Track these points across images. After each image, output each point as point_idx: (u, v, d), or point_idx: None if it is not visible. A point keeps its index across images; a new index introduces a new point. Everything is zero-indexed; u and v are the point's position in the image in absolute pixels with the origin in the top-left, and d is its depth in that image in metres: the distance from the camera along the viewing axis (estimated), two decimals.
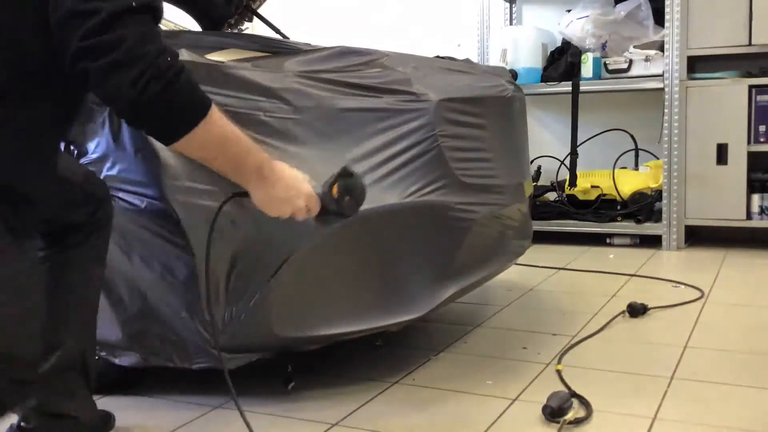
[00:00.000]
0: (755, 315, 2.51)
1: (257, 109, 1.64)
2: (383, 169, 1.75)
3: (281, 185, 1.37)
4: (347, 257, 1.73)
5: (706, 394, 1.81)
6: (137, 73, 1.15)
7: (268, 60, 1.73)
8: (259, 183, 1.35)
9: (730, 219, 3.67)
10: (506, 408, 1.74)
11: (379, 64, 1.85)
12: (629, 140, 4.05)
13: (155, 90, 1.16)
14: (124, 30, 1.15)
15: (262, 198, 1.37)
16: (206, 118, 1.23)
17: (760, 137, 3.59)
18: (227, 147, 1.29)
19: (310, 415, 1.72)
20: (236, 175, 1.34)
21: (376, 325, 1.79)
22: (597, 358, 2.08)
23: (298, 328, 1.69)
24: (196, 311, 1.62)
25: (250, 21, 2.90)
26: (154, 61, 1.16)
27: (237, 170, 1.33)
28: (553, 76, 3.95)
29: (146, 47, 1.16)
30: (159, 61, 1.17)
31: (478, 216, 1.98)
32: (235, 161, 1.31)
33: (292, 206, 1.39)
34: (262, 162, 1.34)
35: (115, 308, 1.68)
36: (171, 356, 1.69)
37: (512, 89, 2.34)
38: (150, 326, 1.67)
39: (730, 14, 3.61)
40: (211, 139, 1.25)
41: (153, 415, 1.75)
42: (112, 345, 1.72)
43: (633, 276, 3.11)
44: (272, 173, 1.36)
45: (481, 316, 2.53)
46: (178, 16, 2.93)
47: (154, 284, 1.64)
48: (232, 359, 1.68)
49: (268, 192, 1.36)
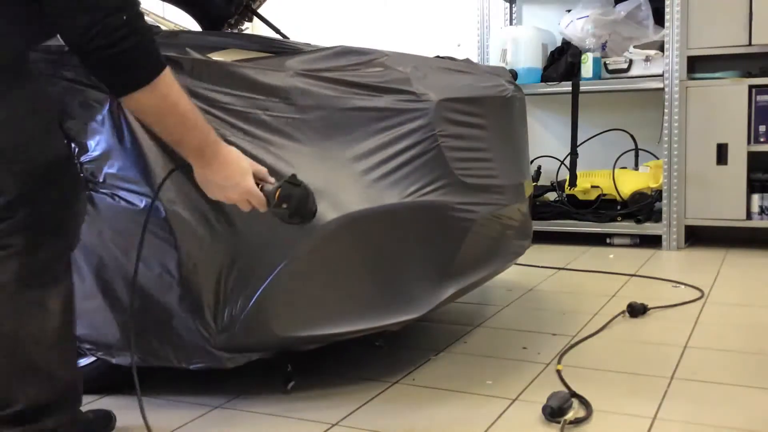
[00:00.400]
0: (755, 315, 2.51)
1: (258, 107, 1.64)
2: (383, 168, 1.75)
3: (221, 172, 1.40)
4: (347, 257, 1.73)
5: (706, 394, 1.81)
6: (88, 22, 1.18)
7: (269, 59, 1.73)
8: (199, 162, 1.39)
9: (730, 219, 3.67)
10: (506, 408, 1.74)
11: (379, 64, 1.85)
12: (629, 140, 4.05)
13: (99, 44, 1.19)
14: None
15: (199, 177, 1.42)
16: (148, 85, 1.25)
17: (760, 137, 3.59)
18: (168, 118, 1.31)
19: (310, 415, 1.72)
20: (177, 147, 1.37)
21: (375, 324, 1.79)
22: (597, 358, 2.08)
23: (297, 327, 1.69)
24: (194, 311, 1.62)
25: (250, 21, 2.90)
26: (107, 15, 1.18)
27: (178, 143, 1.36)
28: (553, 76, 3.95)
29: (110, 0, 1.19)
30: (112, 18, 1.19)
31: (478, 216, 1.98)
32: (176, 134, 1.34)
33: (225, 195, 1.43)
34: (206, 142, 1.37)
35: (113, 308, 1.68)
36: (169, 356, 1.69)
37: (512, 89, 2.34)
38: (148, 326, 1.67)
39: (730, 14, 3.61)
40: (151, 105, 1.28)
41: (153, 415, 1.74)
42: (110, 345, 1.71)
43: (633, 276, 3.11)
44: (215, 157, 1.39)
45: (481, 316, 2.53)
46: (178, 16, 2.93)
47: (153, 284, 1.64)
48: (231, 358, 1.68)
49: (205, 173, 1.40)
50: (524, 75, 3.96)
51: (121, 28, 1.19)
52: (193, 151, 1.37)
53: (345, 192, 1.69)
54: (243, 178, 1.42)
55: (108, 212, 1.63)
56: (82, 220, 1.45)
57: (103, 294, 1.68)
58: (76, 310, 1.47)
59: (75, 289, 1.46)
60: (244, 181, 1.42)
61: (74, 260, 1.67)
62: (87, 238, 1.63)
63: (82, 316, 1.71)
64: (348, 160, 1.71)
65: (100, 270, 1.67)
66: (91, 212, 1.62)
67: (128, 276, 1.65)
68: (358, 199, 1.70)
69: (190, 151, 1.37)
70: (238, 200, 1.44)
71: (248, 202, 1.44)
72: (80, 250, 1.66)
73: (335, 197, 1.67)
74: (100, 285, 1.68)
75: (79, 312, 1.70)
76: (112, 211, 1.63)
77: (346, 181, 1.70)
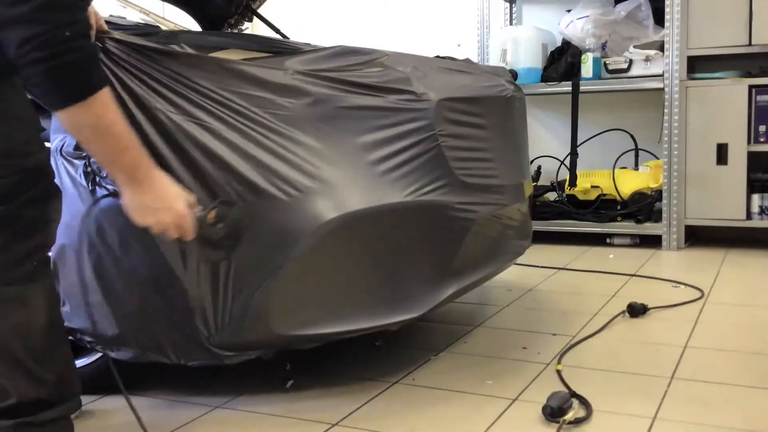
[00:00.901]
0: (755, 315, 2.51)
1: (258, 106, 1.64)
2: (383, 168, 1.75)
3: (152, 195, 1.39)
4: (347, 256, 1.73)
5: (706, 394, 1.81)
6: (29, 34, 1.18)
7: (270, 59, 1.73)
8: (130, 184, 1.38)
9: (730, 219, 3.67)
10: (506, 408, 1.74)
11: (379, 64, 1.85)
12: (629, 140, 4.05)
13: (35, 57, 1.19)
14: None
15: (129, 200, 1.40)
16: (83, 102, 1.24)
17: (760, 137, 3.59)
18: (102, 138, 1.30)
19: (310, 415, 1.72)
20: (109, 168, 1.37)
21: (375, 324, 1.79)
22: (597, 358, 2.08)
23: (296, 326, 1.69)
24: (193, 309, 1.62)
25: (250, 21, 2.90)
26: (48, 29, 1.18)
27: (110, 164, 1.35)
28: (553, 76, 3.95)
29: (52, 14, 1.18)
30: (53, 32, 1.19)
31: (478, 216, 1.98)
32: (108, 154, 1.33)
33: (156, 219, 1.41)
34: (138, 165, 1.37)
35: (112, 304, 1.68)
36: (167, 353, 1.69)
37: (512, 89, 2.34)
38: (147, 322, 1.67)
39: (730, 14, 3.61)
40: (85, 123, 1.27)
41: (153, 415, 1.75)
42: (109, 340, 1.71)
43: (633, 276, 3.11)
44: (147, 180, 1.38)
45: (481, 316, 2.53)
46: (178, 16, 2.93)
47: (153, 280, 1.64)
48: (230, 356, 1.68)
49: (136, 197, 1.39)
50: (524, 75, 3.96)
51: (60, 43, 1.19)
52: (126, 172, 1.36)
53: (344, 191, 1.69)
54: (176, 201, 1.42)
55: (110, 207, 1.63)
56: (57, 220, 1.46)
57: (102, 289, 1.68)
58: (78, 305, 1.48)
59: (75, 283, 1.47)
60: (177, 204, 1.42)
61: (75, 255, 1.68)
62: (88, 233, 1.64)
63: (82, 311, 1.71)
64: (347, 160, 1.71)
65: (99, 265, 1.67)
66: (94, 207, 1.63)
67: (128, 271, 1.65)
68: (358, 198, 1.70)
69: (123, 171, 1.36)
70: (169, 224, 1.42)
71: (178, 228, 1.43)
72: (81, 244, 1.67)
73: (335, 196, 1.67)
74: (99, 280, 1.68)
75: (79, 306, 1.71)
76: (115, 206, 1.62)
77: (346, 181, 1.70)
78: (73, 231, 1.68)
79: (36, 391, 1.41)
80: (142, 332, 1.69)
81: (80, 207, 1.67)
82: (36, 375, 1.41)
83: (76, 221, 1.67)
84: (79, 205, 1.67)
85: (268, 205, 1.61)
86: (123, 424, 1.68)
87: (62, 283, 1.72)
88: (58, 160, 1.69)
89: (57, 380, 1.45)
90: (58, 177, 1.69)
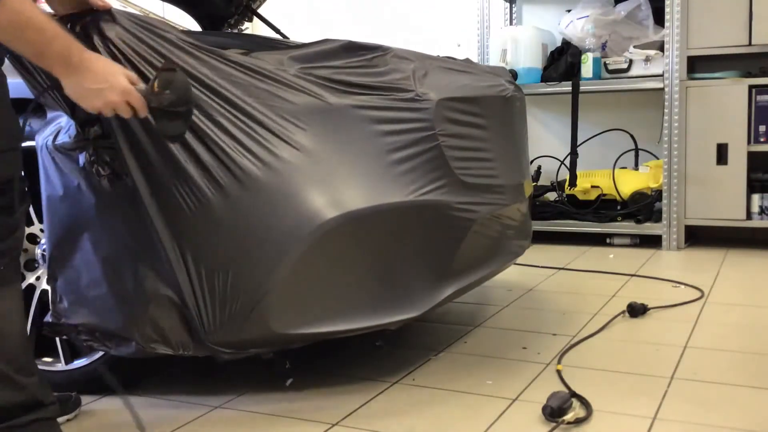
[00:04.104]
0: (755, 315, 2.51)
1: (258, 105, 1.64)
2: (383, 167, 1.75)
3: (90, 75, 1.39)
4: (346, 255, 1.73)
5: (706, 394, 1.81)
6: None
7: (270, 55, 1.73)
8: (67, 71, 1.38)
9: (730, 219, 3.67)
10: (506, 408, 1.74)
11: (379, 62, 1.85)
12: (629, 140, 4.05)
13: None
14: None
15: (72, 88, 1.40)
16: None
17: (760, 137, 3.59)
18: (24, 33, 1.30)
19: (310, 415, 1.72)
20: (41, 61, 1.37)
21: (374, 323, 1.79)
22: (597, 358, 2.08)
23: (295, 324, 1.69)
24: (193, 307, 1.62)
25: (250, 21, 2.90)
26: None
27: (40, 56, 1.35)
28: (553, 76, 3.95)
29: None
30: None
31: (478, 216, 1.98)
32: (36, 47, 1.33)
33: (103, 99, 1.41)
34: (69, 50, 1.36)
35: (115, 295, 1.68)
36: (169, 342, 1.68)
37: (512, 89, 2.34)
38: (147, 312, 1.67)
39: (730, 14, 3.61)
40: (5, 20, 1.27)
41: (153, 415, 1.75)
42: (111, 333, 1.70)
43: (633, 276, 3.11)
44: (82, 63, 1.38)
45: (481, 316, 2.53)
46: (179, 16, 2.93)
47: (153, 277, 1.63)
48: (229, 354, 1.68)
49: (77, 81, 1.39)
50: (524, 75, 3.96)
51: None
52: (59, 61, 1.36)
53: (344, 190, 1.69)
54: (116, 78, 1.41)
55: (119, 199, 1.64)
56: (22, 227, 1.46)
57: (107, 280, 1.67)
58: (78, 300, 1.47)
59: (81, 277, 1.46)
60: (118, 81, 1.41)
61: (76, 249, 1.68)
62: (98, 226, 1.65)
63: (83, 306, 1.71)
64: (347, 159, 1.71)
65: (108, 258, 1.67)
66: (104, 200, 1.64)
67: (135, 264, 1.65)
68: (358, 197, 1.70)
69: (56, 60, 1.36)
70: (117, 103, 1.41)
71: (128, 105, 1.43)
72: (82, 238, 1.67)
73: (334, 196, 1.67)
74: (106, 273, 1.67)
75: (81, 301, 1.71)
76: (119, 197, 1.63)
77: (345, 180, 1.70)
78: (72, 224, 1.68)
79: (11, 396, 1.41)
80: (143, 323, 1.67)
81: (79, 199, 1.67)
82: (15, 380, 1.41)
83: (74, 213, 1.67)
84: (78, 197, 1.67)
85: (268, 203, 1.62)
86: (123, 424, 1.68)
87: (60, 279, 1.72)
88: (47, 157, 1.69)
89: (38, 382, 1.45)
90: (46, 173, 1.69)
